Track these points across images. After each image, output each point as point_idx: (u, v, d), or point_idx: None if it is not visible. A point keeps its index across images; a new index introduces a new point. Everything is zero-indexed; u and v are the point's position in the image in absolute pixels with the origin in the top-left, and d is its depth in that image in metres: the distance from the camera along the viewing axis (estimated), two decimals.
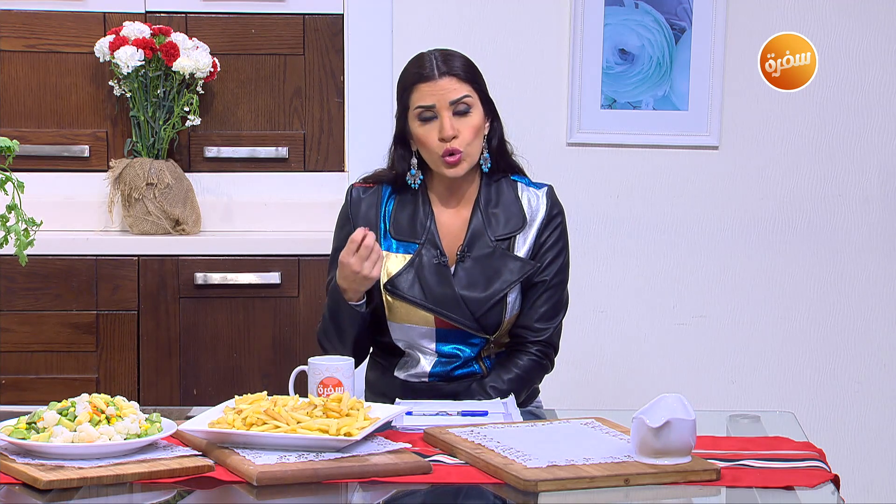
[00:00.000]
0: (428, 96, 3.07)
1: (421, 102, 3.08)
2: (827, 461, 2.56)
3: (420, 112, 3.08)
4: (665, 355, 4.36)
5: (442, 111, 3.06)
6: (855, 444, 4.38)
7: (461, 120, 3.07)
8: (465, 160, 3.08)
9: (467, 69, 3.11)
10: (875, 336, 4.38)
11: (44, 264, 3.94)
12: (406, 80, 3.12)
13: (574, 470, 2.39)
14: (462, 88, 3.08)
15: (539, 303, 3.13)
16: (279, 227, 4.21)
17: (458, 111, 3.07)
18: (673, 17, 4.26)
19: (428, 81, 3.07)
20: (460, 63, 3.10)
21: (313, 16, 4.23)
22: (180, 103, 4.08)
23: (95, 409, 2.52)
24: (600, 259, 4.33)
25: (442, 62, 3.09)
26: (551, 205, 3.17)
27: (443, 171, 3.10)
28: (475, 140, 3.09)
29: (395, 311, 3.12)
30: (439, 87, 3.07)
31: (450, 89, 3.07)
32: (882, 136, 4.34)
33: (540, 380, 3.21)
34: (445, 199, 3.17)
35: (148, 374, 3.99)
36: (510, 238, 3.13)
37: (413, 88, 3.09)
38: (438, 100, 3.06)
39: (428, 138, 3.08)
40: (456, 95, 3.07)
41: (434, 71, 3.07)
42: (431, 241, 3.12)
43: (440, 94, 3.07)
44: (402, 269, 3.11)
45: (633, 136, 4.30)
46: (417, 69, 3.10)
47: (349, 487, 2.39)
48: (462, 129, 3.06)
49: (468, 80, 3.09)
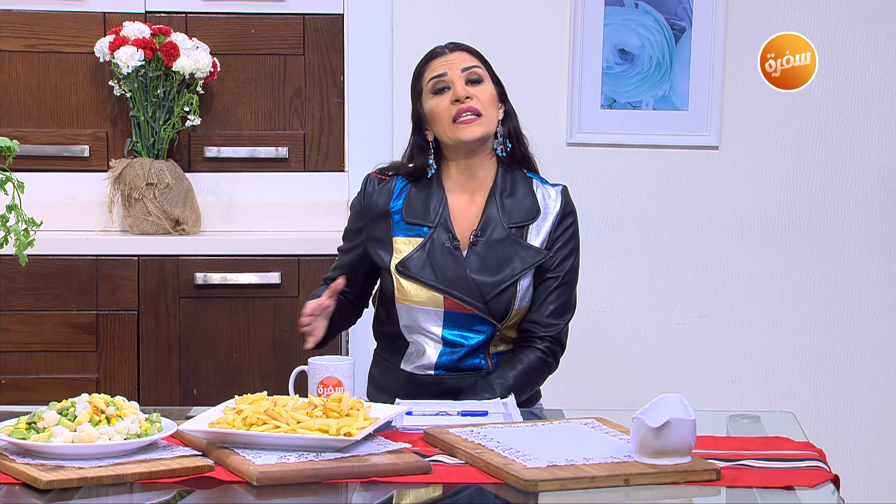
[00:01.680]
0: (439, 67, 3.18)
1: (433, 74, 3.17)
2: (827, 461, 2.56)
3: (433, 84, 3.17)
4: (665, 355, 4.36)
5: (455, 79, 3.16)
6: (855, 444, 4.38)
7: (474, 87, 3.16)
8: (481, 123, 3.14)
9: (477, 52, 3.24)
10: (875, 336, 4.38)
11: (44, 264, 3.94)
12: (419, 66, 3.24)
13: (574, 470, 2.39)
14: (473, 60, 3.19)
15: (550, 299, 3.15)
16: (279, 227, 4.21)
17: (471, 79, 3.17)
18: (673, 17, 4.27)
19: (439, 57, 3.20)
20: (469, 46, 3.24)
21: (313, 16, 4.23)
22: (180, 103, 4.08)
23: (95, 409, 2.52)
24: (600, 259, 4.33)
25: (454, 44, 3.23)
26: (565, 203, 3.22)
27: (458, 135, 3.14)
28: (491, 107, 3.17)
29: (404, 293, 3.14)
30: (450, 58, 3.18)
31: (461, 59, 3.18)
32: (882, 136, 4.34)
33: (544, 379, 3.22)
34: (461, 186, 3.20)
35: (148, 374, 3.99)
36: (524, 227, 3.17)
37: (425, 67, 3.20)
38: (450, 67, 3.17)
39: (440, 106, 3.15)
40: (467, 63, 3.18)
41: (444, 49, 3.21)
42: (444, 226, 3.15)
43: (451, 63, 3.17)
44: (413, 251, 3.14)
45: (633, 136, 4.30)
46: (429, 54, 3.23)
47: (349, 487, 2.39)
48: (476, 94, 3.15)
49: (478, 57, 3.21)
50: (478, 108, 3.13)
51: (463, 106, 3.12)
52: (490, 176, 3.20)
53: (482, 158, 3.18)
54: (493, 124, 3.17)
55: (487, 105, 3.15)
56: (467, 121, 3.13)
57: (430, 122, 3.18)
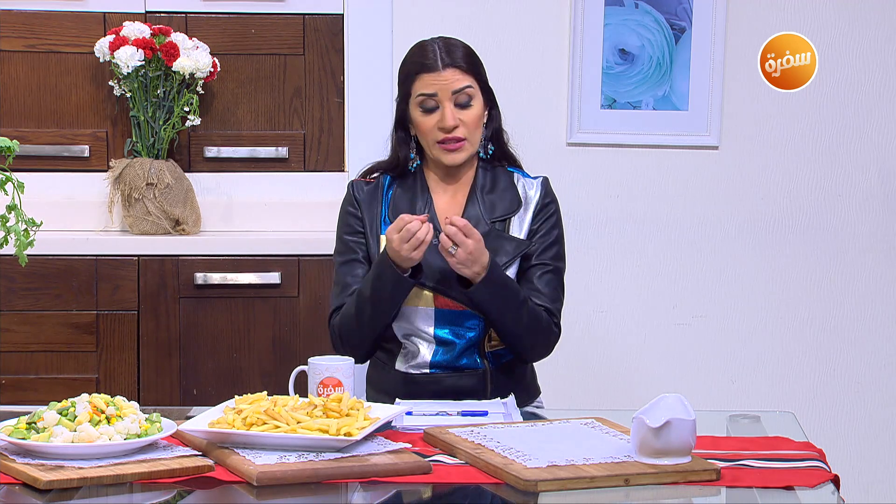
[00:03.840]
0: (430, 85, 3.11)
1: (423, 90, 3.12)
2: (827, 461, 2.56)
3: (422, 100, 3.13)
4: (665, 355, 4.36)
5: (444, 101, 3.11)
6: (855, 444, 4.38)
7: (463, 111, 3.12)
8: (465, 149, 3.14)
9: (469, 60, 3.16)
10: (875, 336, 4.38)
11: (44, 264, 3.94)
12: (409, 68, 3.17)
13: (574, 470, 2.39)
14: (464, 79, 3.13)
15: (539, 285, 3.15)
16: (279, 227, 4.21)
17: (460, 102, 3.12)
18: (673, 17, 4.26)
19: (431, 72, 3.12)
20: (462, 53, 3.15)
21: (313, 16, 4.23)
22: (180, 103, 4.08)
23: (95, 409, 2.52)
24: (600, 259, 4.33)
25: (445, 53, 3.13)
26: (545, 193, 3.21)
27: (441, 157, 3.15)
28: (476, 130, 3.15)
29: None
30: (442, 77, 3.11)
31: (452, 80, 3.11)
32: (882, 136, 4.34)
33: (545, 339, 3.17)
34: (443, 183, 3.21)
35: (148, 374, 3.99)
36: (506, 220, 3.17)
37: (416, 77, 3.14)
38: (441, 89, 3.11)
39: (426, 124, 3.13)
40: (458, 86, 3.12)
41: (437, 62, 3.12)
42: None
43: (443, 83, 3.11)
44: None
45: (633, 136, 4.30)
46: (420, 58, 3.15)
47: (349, 487, 2.39)
48: (464, 119, 3.12)
49: (470, 72, 3.14)
50: (463, 135, 3.12)
51: (449, 136, 3.12)
52: (471, 173, 3.21)
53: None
54: (477, 143, 3.16)
55: (473, 128, 3.13)
56: (452, 147, 3.13)
57: (416, 131, 3.18)
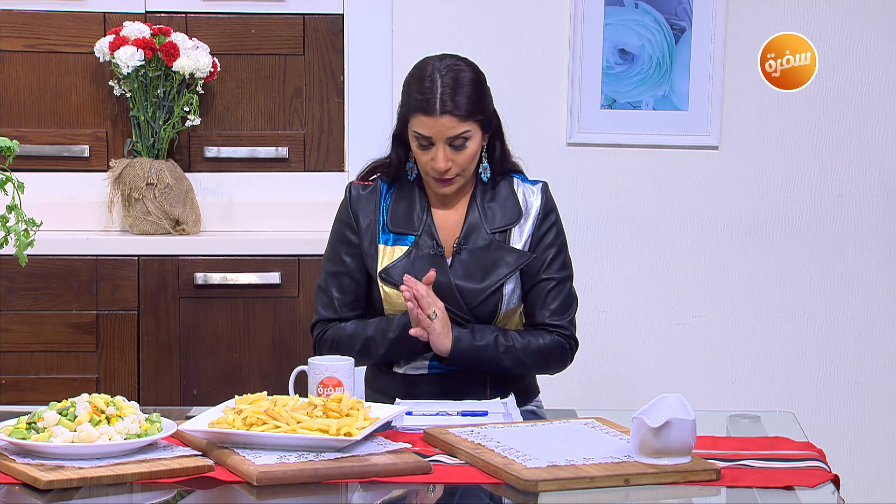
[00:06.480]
0: (427, 128, 3.07)
1: (419, 131, 3.08)
2: (827, 461, 2.56)
3: (418, 136, 3.10)
4: (665, 355, 4.36)
5: (438, 143, 3.08)
6: (855, 444, 4.38)
7: (457, 153, 3.09)
8: (458, 182, 3.14)
9: (471, 104, 3.08)
10: (875, 336, 4.38)
11: (44, 264, 3.94)
12: (409, 99, 3.10)
13: (574, 470, 2.39)
14: (461, 126, 3.07)
15: (549, 300, 3.15)
16: (279, 227, 4.21)
17: (455, 145, 3.08)
18: (673, 17, 4.26)
19: (428, 116, 3.06)
20: (465, 97, 3.07)
21: (313, 16, 4.23)
22: (180, 103, 4.08)
23: (95, 409, 2.52)
24: (600, 259, 4.33)
25: (448, 98, 3.06)
26: (545, 201, 3.19)
27: (433, 187, 3.15)
28: (471, 164, 3.12)
29: (391, 302, 3.13)
30: (439, 123, 3.06)
31: (448, 127, 3.06)
32: (882, 136, 4.34)
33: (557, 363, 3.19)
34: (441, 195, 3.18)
35: (148, 374, 3.99)
36: (506, 230, 3.16)
37: (413, 114, 3.09)
38: (435, 134, 3.07)
39: (422, 159, 3.12)
40: (453, 133, 3.07)
41: (436, 106, 3.05)
42: (428, 233, 3.14)
43: (438, 129, 3.06)
44: (398, 258, 3.13)
45: (633, 136, 4.30)
46: (420, 93, 3.08)
47: (349, 487, 2.39)
48: (457, 160, 3.09)
49: (469, 118, 3.08)
50: (455, 173, 3.10)
51: (442, 178, 3.11)
52: (471, 182, 3.19)
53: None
54: (471, 172, 3.14)
55: (467, 164, 3.11)
56: (445, 181, 3.11)
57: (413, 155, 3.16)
